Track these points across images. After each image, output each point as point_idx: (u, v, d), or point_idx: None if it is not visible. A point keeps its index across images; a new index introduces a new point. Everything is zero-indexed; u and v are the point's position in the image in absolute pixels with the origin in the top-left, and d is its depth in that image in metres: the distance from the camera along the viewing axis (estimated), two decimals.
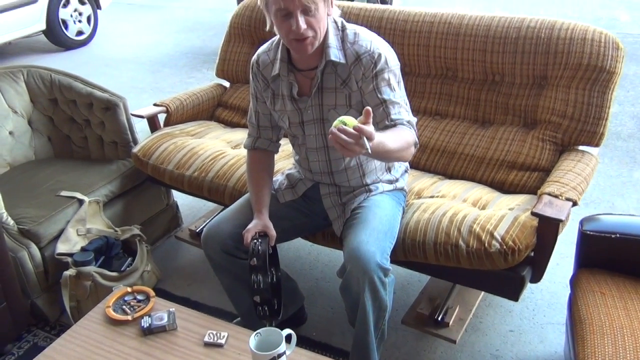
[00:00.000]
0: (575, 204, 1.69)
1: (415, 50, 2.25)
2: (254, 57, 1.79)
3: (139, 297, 1.74)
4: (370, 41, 1.63)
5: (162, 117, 2.60)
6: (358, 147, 1.28)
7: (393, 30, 2.28)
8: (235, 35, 2.76)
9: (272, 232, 1.70)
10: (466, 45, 2.16)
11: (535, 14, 2.12)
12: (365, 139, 1.28)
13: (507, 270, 1.68)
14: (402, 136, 1.55)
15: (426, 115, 2.29)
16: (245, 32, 2.73)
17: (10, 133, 2.55)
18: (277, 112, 1.78)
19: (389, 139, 1.45)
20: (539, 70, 2.05)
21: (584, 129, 1.97)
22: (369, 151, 1.30)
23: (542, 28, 2.04)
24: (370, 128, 1.29)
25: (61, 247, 2.15)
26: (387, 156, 1.58)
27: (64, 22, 5.64)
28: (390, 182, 1.83)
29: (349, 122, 1.30)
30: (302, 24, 1.50)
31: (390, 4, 5.59)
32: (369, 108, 1.32)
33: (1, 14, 5.04)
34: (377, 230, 1.63)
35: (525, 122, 2.12)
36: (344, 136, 1.27)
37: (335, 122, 1.32)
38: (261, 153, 1.88)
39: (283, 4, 1.48)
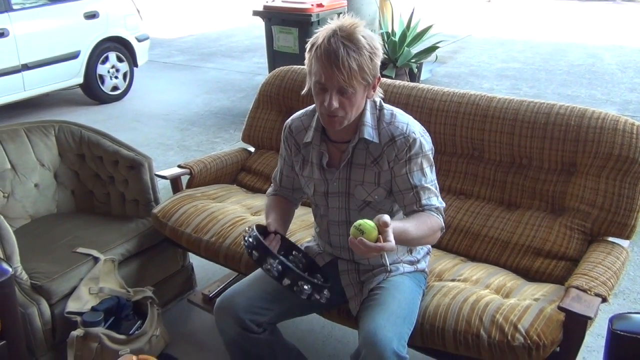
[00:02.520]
0: (605, 300, 1.61)
1: (441, 129, 2.25)
2: (288, 121, 1.81)
3: None
4: (407, 124, 1.63)
5: (185, 178, 2.61)
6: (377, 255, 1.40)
7: (420, 107, 2.29)
8: (264, 103, 2.80)
9: (271, 223, 1.71)
10: (494, 127, 2.15)
11: (564, 94, 2.12)
12: (384, 253, 1.39)
13: None
14: (428, 224, 1.56)
15: (450, 194, 2.25)
16: (273, 100, 2.77)
17: (36, 185, 2.58)
18: (304, 178, 1.78)
19: (412, 228, 1.49)
20: (568, 157, 2.02)
21: (614, 220, 1.90)
22: (388, 267, 1.49)
23: (572, 115, 2.02)
24: (388, 244, 1.37)
25: (71, 305, 2.11)
26: (409, 244, 1.61)
27: (101, 77, 5.84)
28: (411, 263, 1.78)
29: (368, 229, 1.39)
30: (335, 103, 1.52)
31: (418, 80, 5.69)
32: (386, 220, 1.39)
33: (43, 67, 5.25)
34: (395, 314, 1.56)
35: (552, 208, 2.07)
36: (363, 248, 1.37)
37: (353, 230, 1.41)
38: (282, 197, 1.90)
39: (323, 79, 1.50)
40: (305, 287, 1.56)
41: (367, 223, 1.41)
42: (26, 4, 5.28)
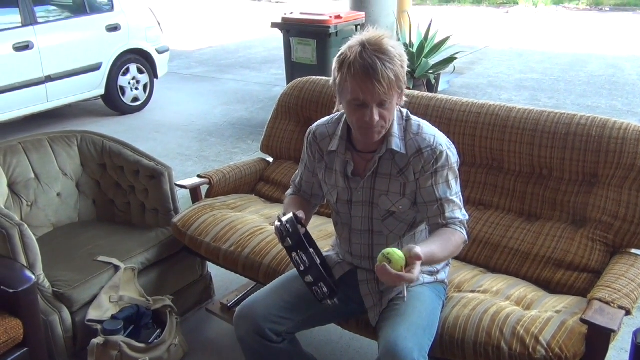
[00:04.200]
0: (628, 312, 1.58)
1: (460, 139, 2.24)
2: (313, 127, 1.81)
3: None
4: (434, 136, 1.64)
5: (204, 188, 2.63)
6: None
7: (439, 118, 2.29)
8: (282, 113, 2.82)
9: (300, 214, 1.65)
10: (513, 137, 2.14)
11: (584, 105, 2.10)
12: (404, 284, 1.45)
13: None
14: (452, 241, 1.58)
15: (469, 204, 2.24)
16: (292, 110, 2.79)
17: (58, 195, 2.63)
18: (327, 186, 1.78)
19: (439, 249, 1.53)
20: (590, 167, 2.00)
21: (637, 231, 1.88)
22: (405, 297, 1.53)
23: (594, 126, 2.00)
24: (408, 275, 1.40)
25: (92, 314, 2.14)
26: (435, 263, 1.65)
27: (122, 88, 5.92)
28: (431, 273, 1.77)
29: (395, 259, 1.41)
30: (376, 117, 1.53)
31: (436, 91, 5.68)
32: (418, 253, 1.41)
33: (66, 78, 5.34)
34: (416, 325, 1.56)
35: (574, 219, 2.04)
36: (387, 278, 1.40)
37: (380, 257, 1.43)
38: (301, 197, 1.89)
39: (362, 97, 1.50)
40: (325, 289, 1.55)
41: (396, 253, 1.42)
42: (50, 17, 5.40)
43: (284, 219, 1.56)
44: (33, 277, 1.95)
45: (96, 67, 5.59)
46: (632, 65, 7.55)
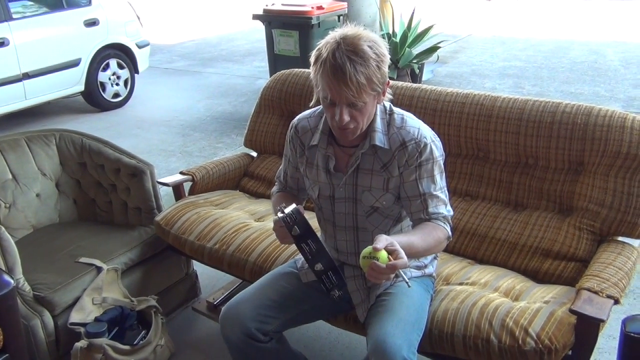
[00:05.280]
0: (617, 301, 1.58)
1: (445, 129, 2.22)
2: (295, 120, 1.77)
3: None
4: (418, 128, 1.60)
5: (187, 184, 2.59)
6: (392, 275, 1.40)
7: (424, 109, 2.26)
8: (265, 107, 2.78)
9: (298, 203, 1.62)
10: (498, 127, 2.12)
11: (567, 92, 2.09)
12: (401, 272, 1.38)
13: None
14: (433, 235, 1.55)
15: (456, 195, 2.22)
16: (275, 104, 2.74)
17: (37, 195, 2.56)
18: (309, 180, 1.74)
19: (418, 240, 1.50)
20: (575, 156, 1.99)
21: (624, 219, 1.87)
22: (408, 283, 1.41)
23: (579, 114, 1.99)
24: (400, 261, 1.37)
25: (75, 316, 2.09)
26: (415, 256, 1.60)
27: (102, 84, 5.83)
28: (418, 268, 1.74)
29: (380, 254, 1.37)
30: (346, 117, 1.48)
31: (420, 81, 5.66)
32: (396, 249, 1.38)
33: (44, 75, 5.24)
34: (404, 320, 1.54)
35: (560, 208, 2.03)
36: (377, 271, 1.36)
37: (363, 262, 1.40)
38: (289, 194, 1.86)
39: (331, 95, 1.46)
40: (334, 277, 1.51)
41: (375, 249, 1.39)
42: (27, 13, 5.28)
43: (287, 210, 1.51)
44: (12, 281, 1.89)
45: (75, 63, 5.49)
46: (614, 51, 7.59)
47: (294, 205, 1.53)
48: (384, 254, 1.37)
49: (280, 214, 1.52)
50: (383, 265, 1.35)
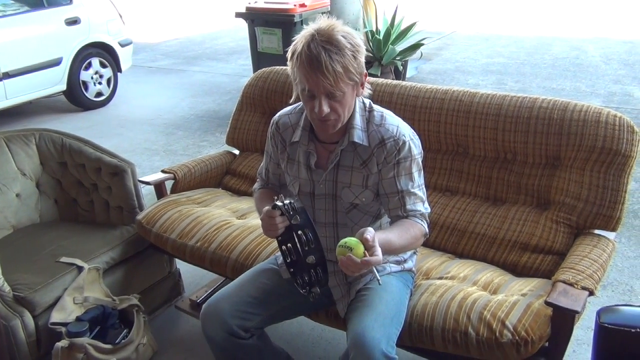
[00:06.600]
0: (592, 293, 1.60)
1: (425, 126, 2.23)
2: (276, 117, 1.78)
3: None
4: (397, 126, 1.62)
5: (169, 183, 2.58)
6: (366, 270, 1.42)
7: (404, 105, 2.28)
8: (247, 105, 2.78)
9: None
10: (477, 123, 2.14)
11: (549, 88, 2.11)
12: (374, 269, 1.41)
13: None
14: (410, 232, 1.57)
15: (436, 191, 2.24)
16: (257, 102, 2.74)
17: (17, 195, 2.54)
18: (290, 176, 1.75)
19: (396, 237, 1.52)
20: (552, 150, 2.02)
21: (599, 212, 1.90)
22: (379, 281, 1.43)
23: (555, 109, 2.01)
24: (374, 257, 1.38)
25: (56, 316, 2.08)
26: (393, 253, 1.63)
27: (85, 83, 5.78)
28: (398, 262, 1.76)
29: (354, 244, 1.39)
30: (325, 108, 1.49)
31: (404, 78, 5.68)
32: (367, 237, 1.39)
33: (25, 75, 5.18)
34: (383, 315, 1.55)
35: (538, 202, 2.06)
36: (352, 265, 1.38)
37: (340, 250, 1.40)
38: (271, 191, 1.85)
39: (309, 86, 1.47)
40: (321, 274, 1.50)
41: (352, 240, 1.40)
42: (7, 12, 5.22)
43: (287, 200, 1.51)
44: None
45: (56, 62, 5.44)
46: (595, 47, 7.68)
47: (290, 198, 1.54)
48: (360, 249, 1.38)
49: (279, 203, 1.51)
50: (358, 260, 1.37)
